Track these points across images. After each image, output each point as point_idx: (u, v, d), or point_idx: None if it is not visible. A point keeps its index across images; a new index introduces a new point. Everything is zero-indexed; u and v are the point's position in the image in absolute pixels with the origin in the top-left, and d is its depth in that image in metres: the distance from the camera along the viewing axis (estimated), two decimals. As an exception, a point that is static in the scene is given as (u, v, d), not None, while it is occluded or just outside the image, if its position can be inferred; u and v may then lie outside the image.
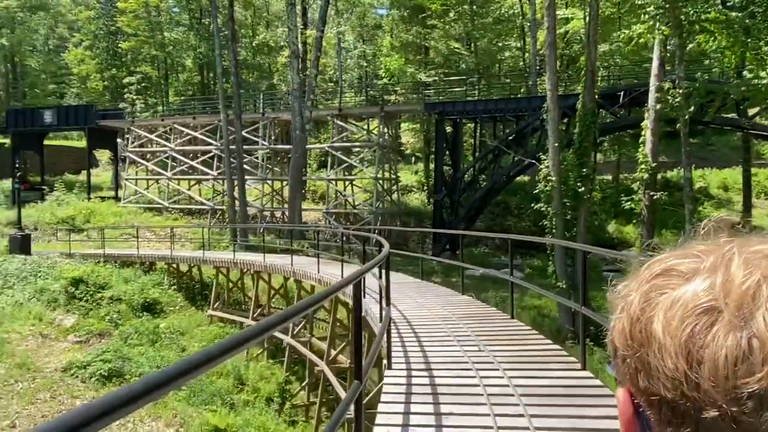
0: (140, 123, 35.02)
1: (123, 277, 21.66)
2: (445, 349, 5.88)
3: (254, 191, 32.76)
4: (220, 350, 1.41)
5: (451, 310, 8.10)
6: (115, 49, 54.56)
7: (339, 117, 29.53)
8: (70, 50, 56.55)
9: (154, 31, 51.28)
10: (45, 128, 38.01)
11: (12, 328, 17.85)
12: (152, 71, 54.44)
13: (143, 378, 1.15)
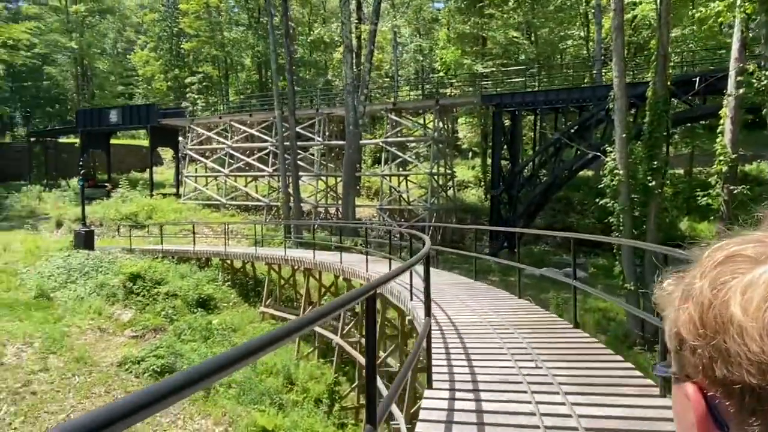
0: (199, 121, 35.62)
1: (179, 272, 21.85)
2: (496, 364, 5.14)
3: (309, 187, 32.66)
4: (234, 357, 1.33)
5: (506, 317, 7.32)
6: (177, 50, 56.03)
7: (393, 111, 28.91)
8: (135, 52, 58.60)
9: (214, 31, 52.25)
10: (111, 127, 39.36)
11: (73, 321, 18.27)
12: (213, 71, 55.64)
13: (162, 381, 1.08)
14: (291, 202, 27.91)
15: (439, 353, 5.44)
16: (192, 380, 1.11)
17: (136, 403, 0.92)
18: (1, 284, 20.90)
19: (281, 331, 1.67)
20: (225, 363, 1.27)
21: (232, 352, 1.34)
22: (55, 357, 16.17)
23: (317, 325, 4.60)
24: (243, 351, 1.37)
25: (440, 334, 6.31)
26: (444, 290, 10.22)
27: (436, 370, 4.77)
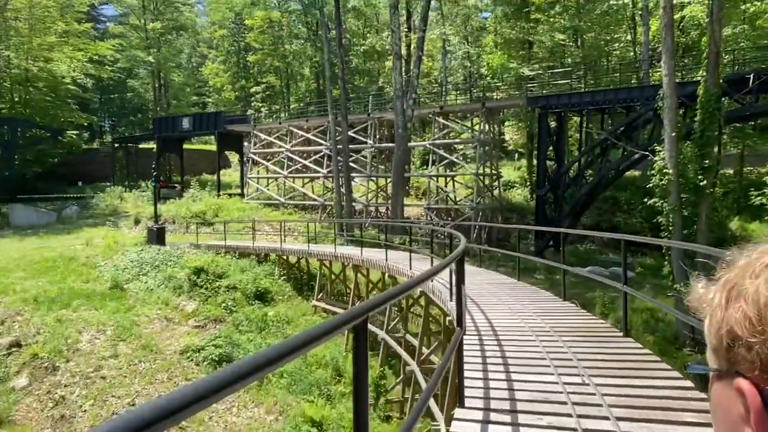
0: (261, 127, 35.90)
1: (240, 267, 21.83)
2: (537, 378, 4.38)
3: (361, 188, 32.28)
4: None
5: (550, 321, 6.50)
6: (244, 63, 56.99)
7: (440, 115, 28.10)
8: (207, 65, 60.05)
9: (277, 44, 52.73)
10: (183, 134, 40.26)
11: (142, 311, 18.47)
12: (275, 81, 56.26)
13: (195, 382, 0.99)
14: (343, 201, 27.56)
15: (474, 363, 4.72)
16: (243, 373, 1.07)
17: (191, 396, 0.90)
18: (82, 276, 21.46)
19: (329, 324, 1.54)
20: (274, 357, 1.21)
21: (283, 346, 1.29)
22: (124, 344, 16.33)
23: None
24: (292, 345, 1.31)
25: (477, 340, 5.58)
26: (486, 290, 9.46)
27: (470, 384, 4.07)
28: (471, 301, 8.15)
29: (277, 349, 1.25)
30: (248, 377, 1.11)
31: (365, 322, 1.63)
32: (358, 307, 1.63)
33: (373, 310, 1.86)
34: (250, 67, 56.44)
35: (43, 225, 35.91)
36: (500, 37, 35.53)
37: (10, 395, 14.17)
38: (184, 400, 0.90)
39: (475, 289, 9.49)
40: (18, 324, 17.20)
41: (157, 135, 40.90)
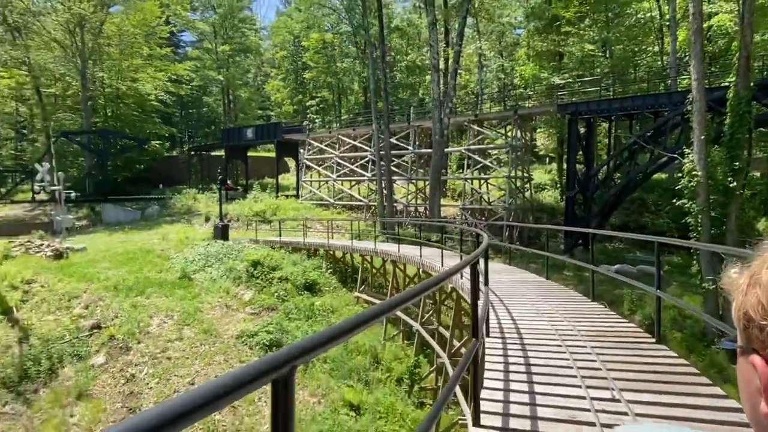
0: (314, 136, 35.83)
1: (292, 260, 21.63)
2: (563, 390, 3.66)
3: (402, 189, 31.65)
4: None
5: (577, 324, 5.70)
6: (301, 80, 57.39)
7: (475, 122, 27.10)
8: (269, 82, 60.87)
9: (329, 62, 52.78)
10: (247, 142, 40.75)
11: (205, 299, 18.50)
12: (328, 95, 56.41)
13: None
14: (385, 202, 27.02)
15: (495, 371, 4.02)
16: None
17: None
18: (156, 266, 21.79)
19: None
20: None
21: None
22: (188, 328, 16.34)
23: (391, 314, 3.68)
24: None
25: (500, 344, 4.86)
26: (514, 288, 8.66)
27: (488, 396, 3.40)
28: (497, 300, 7.41)
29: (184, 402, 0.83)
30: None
31: (291, 373, 1.02)
32: (282, 352, 1.02)
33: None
34: (306, 83, 56.77)
35: (129, 222, 37.18)
36: (532, 49, 34.04)
37: (90, 371, 14.37)
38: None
39: (503, 288, 8.72)
40: (100, 308, 17.54)
41: (225, 144, 41.62)
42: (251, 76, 64.78)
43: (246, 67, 60.38)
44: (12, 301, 18.49)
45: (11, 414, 12.88)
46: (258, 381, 0.95)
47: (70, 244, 25.18)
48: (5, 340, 16.08)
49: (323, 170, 34.46)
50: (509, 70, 45.69)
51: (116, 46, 42.93)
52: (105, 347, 15.32)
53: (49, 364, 14.63)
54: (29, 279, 20.16)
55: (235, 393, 0.91)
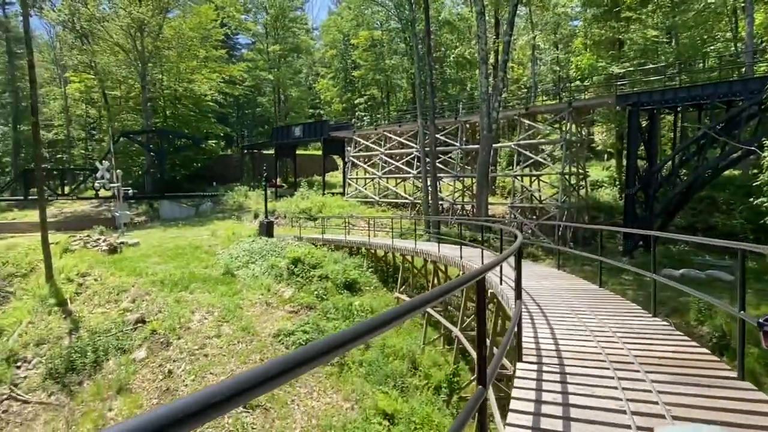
0: (360, 133, 35.39)
1: (333, 258, 21.21)
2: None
3: (448, 187, 30.60)
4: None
5: (634, 347, 4.67)
6: (350, 78, 57.28)
7: (526, 116, 25.62)
8: (319, 81, 61.24)
9: (378, 60, 52.28)
10: (295, 140, 40.97)
11: (246, 296, 18.39)
12: (377, 93, 55.95)
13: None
14: (430, 199, 26.11)
15: (525, 412, 3.16)
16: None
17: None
18: (202, 262, 22.03)
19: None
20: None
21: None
22: (227, 325, 16.21)
23: (418, 312, 3.14)
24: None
25: (535, 373, 3.95)
26: (560, 297, 7.61)
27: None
28: (539, 311, 6.44)
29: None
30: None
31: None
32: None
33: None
34: (355, 81, 56.60)
35: (183, 218, 38.28)
36: (590, 39, 31.88)
37: (131, 366, 14.50)
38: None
39: (547, 296, 7.70)
40: (145, 303, 17.81)
41: (275, 142, 42.06)
42: (303, 76, 65.53)
43: (297, 66, 61.04)
44: (67, 294, 19.18)
45: (55, 405, 13.15)
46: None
47: (125, 239, 26.03)
48: (57, 331, 16.61)
49: (369, 168, 33.95)
50: (564, 63, 43.32)
51: (174, 49, 44.35)
52: (147, 342, 15.44)
53: (94, 357, 14.91)
54: (84, 272, 20.90)
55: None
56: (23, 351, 15.74)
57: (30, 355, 15.33)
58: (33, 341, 16.14)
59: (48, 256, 20.70)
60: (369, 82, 54.77)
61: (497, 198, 31.70)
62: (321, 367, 13.94)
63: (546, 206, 26.64)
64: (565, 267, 20.91)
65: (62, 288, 19.45)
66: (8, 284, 21.59)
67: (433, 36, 52.43)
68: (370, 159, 34.40)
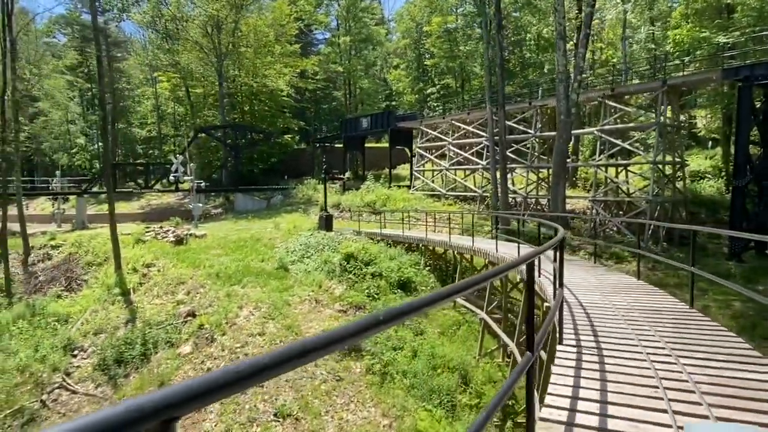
0: (427, 123, 33.69)
1: (389, 254, 19.94)
2: None
3: (521, 179, 28.08)
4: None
5: (725, 394, 2.85)
6: (423, 67, 55.51)
7: (612, 98, 22.52)
8: (391, 72, 60.05)
9: (452, 46, 50.07)
10: (362, 133, 40.15)
11: (297, 292, 17.65)
12: (451, 82, 53.73)
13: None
14: (499, 192, 23.93)
15: None
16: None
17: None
18: (260, 255, 21.73)
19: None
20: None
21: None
22: (273, 323, 15.50)
23: (450, 300, 3.33)
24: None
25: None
26: (630, 318, 5.70)
27: None
28: (590, 339, 4.65)
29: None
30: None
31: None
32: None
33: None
34: (428, 70, 54.77)
35: (255, 210, 39.07)
36: (690, 8, 27.55)
37: (176, 360, 14.24)
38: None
39: (613, 316, 5.81)
40: (199, 296, 17.69)
41: (343, 135, 41.58)
42: (376, 68, 64.76)
43: (368, 58, 60.33)
44: (130, 284, 19.64)
45: (98, 398, 13.14)
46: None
47: (194, 231, 26.62)
48: (116, 321, 16.88)
49: (436, 159, 32.20)
50: (661, 40, 38.38)
51: (251, 45, 45.32)
52: (193, 336, 15.15)
53: (143, 349, 14.85)
54: (149, 263, 21.39)
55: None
56: (82, 340, 16.17)
57: (87, 344, 15.67)
58: (92, 330, 16.56)
59: (116, 247, 21.44)
60: (443, 70, 52.70)
61: (578, 191, 28.63)
62: (362, 375, 12.75)
63: (635, 200, 23.39)
64: (656, 272, 17.98)
65: (127, 278, 20.00)
66: (85, 273, 22.78)
67: (512, 19, 49.22)
68: (437, 150, 32.61)
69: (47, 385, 13.71)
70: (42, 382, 13.76)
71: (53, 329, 17.00)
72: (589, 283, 8.93)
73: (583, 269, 11.09)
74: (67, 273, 22.84)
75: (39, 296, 21.06)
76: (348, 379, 12.62)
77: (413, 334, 14.59)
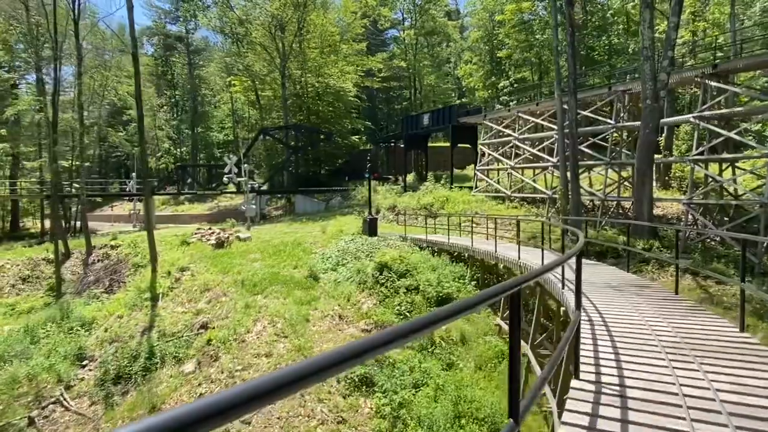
0: (491, 116, 30.37)
1: (431, 265, 17.37)
2: None
3: (599, 178, 24.04)
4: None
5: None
6: (496, 60, 51.68)
7: (713, 77, 18.07)
8: (461, 67, 56.65)
9: (527, 35, 45.94)
10: (424, 130, 37.56)
11: (320, 305, 15.68)
12: (528, 74, 49.44)
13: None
14: (570, 193, 20.33)
15: None
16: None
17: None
18: (296, 260, 20.09)
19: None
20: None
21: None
22: (285, 341, 13.61)
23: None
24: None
25: None
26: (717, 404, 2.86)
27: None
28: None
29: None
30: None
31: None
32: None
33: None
34: (501, 63, 50.86)
35: (313, 212, 38.05)
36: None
37: (176, 379, 12.81)
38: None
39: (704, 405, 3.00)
40: (219, 305, 16.33)
41: (404, 133, 39.31)
42: (446, 64, 61.73)
43: (436, 52, 57.45)
44: (161, 288, 18.80)
45: (87, 417, 11.97)
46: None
47: (240, 233, 25.74)
48: (133, 329, 15.93)
49: (500, 156, 28.82)
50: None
51: (316, 45, 44.59)
52: (200, 353, 13.68)
53: (148, 363, 13.61)
54: (184, 266, 20.55)
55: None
56: (97, 348, 15.36)
57: (98, 354, 14.79)
58: (109, 338, 15.73)
59: (153, 249, 20.88)
60: (518, 62, 48.59)
61: (672, 192, 24.03)
62: (369, 418, 10.38)
63: (745, 204, 18.69)
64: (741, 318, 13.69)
65: (160, 282, 19.24)
66: (129, 274, 22.55)
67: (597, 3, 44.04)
68: (502, 146, 29.22)
69: (46, 398, 12.85)
70: (42, 394, 12.93)
71: (76, 334, 16.43)
72: (663, 339, 5.85)
73: (658, 303, 7.87)
74: (113, 274, 22.80)
75: (84, 296, 21.05)
76: (352, 420, 10.32)
77: (442, 366, 11.95)
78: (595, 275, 10.79)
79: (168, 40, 63.34)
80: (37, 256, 26.96)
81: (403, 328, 1.33)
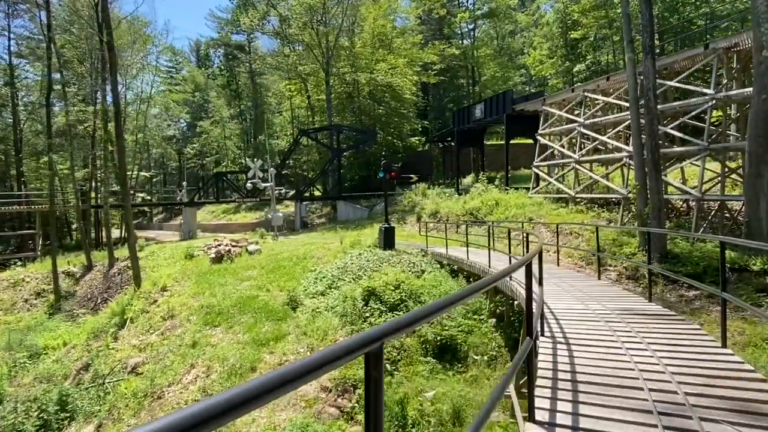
0: (551, 101, 24.68)
1: (442, 291, 12.85)
2: None
3: (694, 170, 17.79)
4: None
5: None
6: (571, 43, 44.96)
7: None
8: (530, 54, 50.17)
9: (607, 11, 39.15)
10: (474, 124, 32.43)
11: (284, 346, 11.78)
12: (607, 56, 42.33)
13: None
14: (648, 192, 14.61)
15: None
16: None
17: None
18: (289, 279, 16.46)
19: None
20: None
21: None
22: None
23: None
24: None
25: None
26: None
27: None
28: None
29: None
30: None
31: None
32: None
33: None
34: (576, 45, 44.12)
35: (355, 220, 34.59)
36: None
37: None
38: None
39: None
40: (165, 339, 13.05)
41: (455, 129, 34.47)
42: (522, 58, 55.48)
43: (498, 35, 51.47)
44: (130, 312, 16.05)
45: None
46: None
47: (249, 246, 22.75)
48: (72, 366, 13.12)
49: (560, 148, 23.12)
50: None
51: (367, 43, 41.25)
52: (107, 411, 10.37)
53: (50, 419, 10.54)
54: (166, 286, 17.75)
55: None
56: (27, 388, 12.68)
57: (15, 398, 12.05)
58: (43, 376, 13.03)
59: (136, 267, 18.34)
60: (595, 43, 41.73)
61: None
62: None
63: None
64: None
65: (131, 305, 16.55)
66: (118, 292, 20.32)
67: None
68: (564, 135, 23.48)
69: None
70: None
71: (22, 366, 13.99)
72: None
73: None
74: (106, 291, 20.73)
75: (65, 315, 19.04)
76: None
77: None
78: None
79: (229, 49, 63.73)
80: (60, 269, 26.04)
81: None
